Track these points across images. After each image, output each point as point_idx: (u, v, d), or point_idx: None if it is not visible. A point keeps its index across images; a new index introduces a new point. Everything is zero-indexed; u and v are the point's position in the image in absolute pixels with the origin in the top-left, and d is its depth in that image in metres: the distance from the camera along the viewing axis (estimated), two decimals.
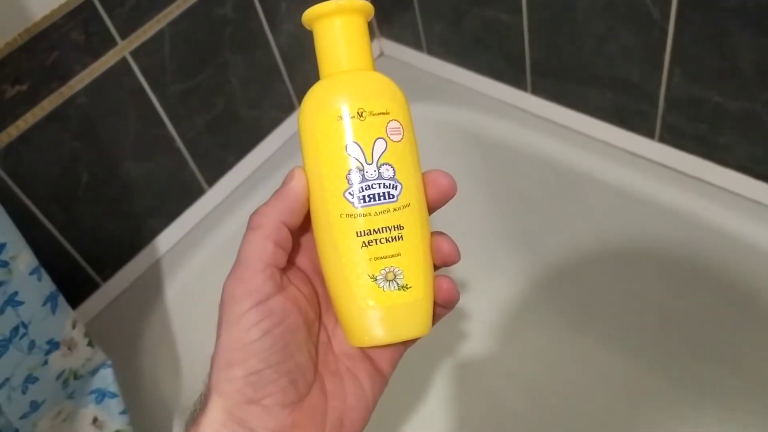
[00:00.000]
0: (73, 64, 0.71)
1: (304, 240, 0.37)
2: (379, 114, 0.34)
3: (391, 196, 0.34)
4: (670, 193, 0.78)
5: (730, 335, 0.82)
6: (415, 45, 0.97)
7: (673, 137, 0.77)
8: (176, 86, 0.81)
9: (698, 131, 0.74)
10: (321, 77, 0.37)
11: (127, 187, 0.81)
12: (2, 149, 0.69)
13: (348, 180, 0.34)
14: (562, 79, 0.83)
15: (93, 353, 0.58)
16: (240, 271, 0.33)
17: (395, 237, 0.34)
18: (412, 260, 0.35)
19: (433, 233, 0.37)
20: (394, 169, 0.34)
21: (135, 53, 0.75)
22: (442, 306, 0.37)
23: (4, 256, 0.48)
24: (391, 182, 0.34)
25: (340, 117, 0.34)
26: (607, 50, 0.75)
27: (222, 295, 0.34)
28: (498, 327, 1.00)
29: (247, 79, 0.87)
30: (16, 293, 0.49)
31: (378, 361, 0.38)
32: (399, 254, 0.34)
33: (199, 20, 0.79)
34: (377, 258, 0.34)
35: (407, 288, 0.35)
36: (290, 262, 0.36)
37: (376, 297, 0.34)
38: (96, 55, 0.72)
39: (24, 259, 0.50)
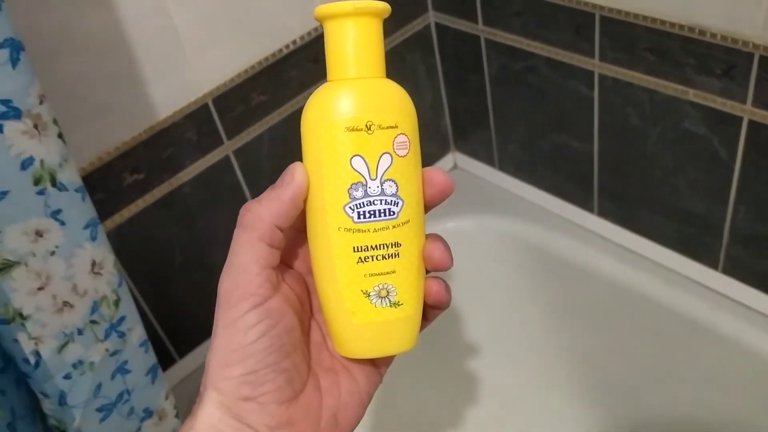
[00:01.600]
0: (184, 159, 0.79)
1: (296, 237, 0.37)
2: (387, 128, 0.33)
3: (392, 213, 0.34)
4: (732, 323, 0.80)
5: None
6: (488, 161, 1.04)
7: (737, 270, 0.80)
8: (269, 183, 0.88)
9: (761, 267, 0.77)
10: (329, 79, 0.35)
11: (214, 273, 0.87)
12: (113, 229, 0.76)
13: (350, 194, 0.33)
14: (629, 205, 0.87)
15: (177, 425, 0.62)
16: (235, 275, 0.33)
17: (392, 254, 0.34)
18: (406, 278, 0.35)
19: (427, 237, 0.36)
20: (397, 186, 0.34)
21: (237, 152, 0.83)
22: (434, 307, 0.37)
23: (123, 328, 0.54)
24: (393, 198, 0.34)
25: (348, 128, 0.33)
26: (674, 182, 0.79)
27: (218, 298, 0.34)
28: None
29: None
30: (126, 362, 0.55)
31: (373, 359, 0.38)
32: (394, 271, 0.34)
33: (296, 126, 0.87)
34: (372, 274, 0.34)
35: (399, 305, 0.35)
36: (283, 260, 0.36)
37: (367, 313, 0.34)
38: (204, 151, 0.81)
39: (137, 332, 0.55)
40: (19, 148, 0.44)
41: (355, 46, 0.34)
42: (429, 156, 1.06)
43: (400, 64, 0.95)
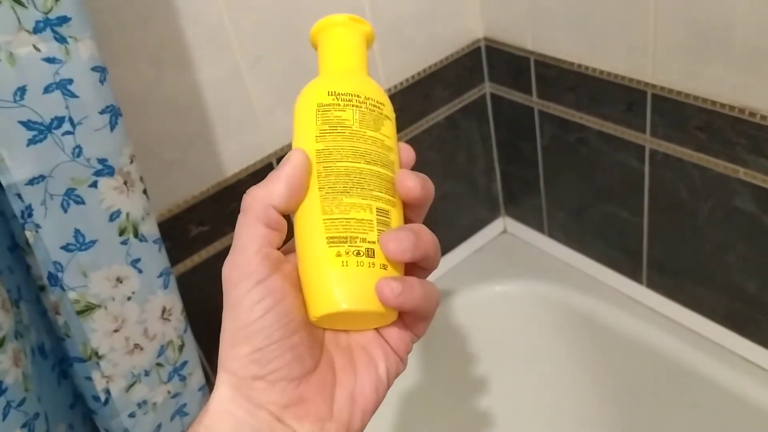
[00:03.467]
0: None
1: None
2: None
3: None
4: None
5: None
6: (538, 227, 1.06)
7: None
8: None
9: None
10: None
11: None
12: (177, 277, 0.80)
13: None
14: (678, 278, 0.87)
15: None
16: (235, 256, 0.33)
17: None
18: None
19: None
20: None
21: None
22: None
23: (185, 372, 0.57)
24: None
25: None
26: (724, 257, 0.80)
27: (222, 282, 0.34)
28: None
29: None
30: (185, 405, 0.58)
31: (389, 339, 0.37)
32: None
33: None
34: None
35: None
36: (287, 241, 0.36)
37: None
38: None
39: (197, 376, 0.58)
40: (110, 202, 0.49)
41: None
42: (479, 220, 1.08)
43: (455, 130, 0.99)
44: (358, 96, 0.37)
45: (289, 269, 0.35)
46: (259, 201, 0.34)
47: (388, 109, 0.38)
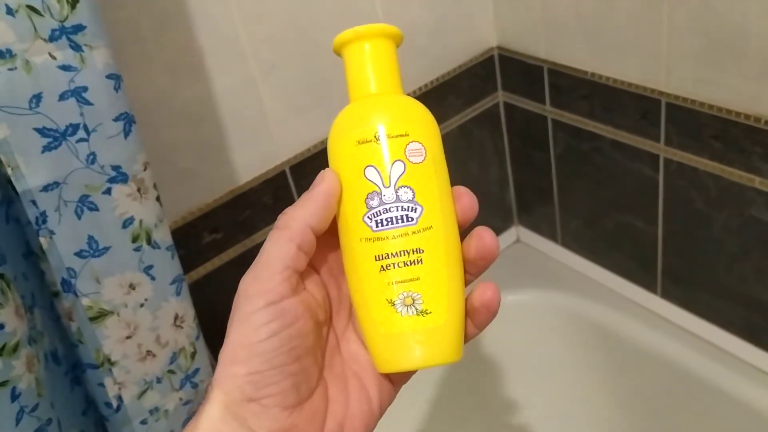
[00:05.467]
0: (258, 222, 0.84)
1: (322, 242, 0.36)
2: (397, 136, 0.34)
3: (410, 219, 0.34)
4: None
5: None
6: (551, 236, 1.05)
7: None
8: None
9: None
10: (350, 101, 0.37)
11: None
12: (190, 284, 0.81)
13: (366, 204, 0.34)
14: (693, 288, 0.87)
15: None
16: (258, 270, 0.33)
17: (414, 261, 0.34)
18: (432, 284, 0.34)
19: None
20: (413, 192, 0.34)
21: None
22: (485, 311, 0.35)
23: (196, 379, 0.57)
24: (410, 204, 0.34)
25: (359, 141, 0.34)
26: (740, 268, 0.79)
27: (238, 291, 0.34)
28: None
29: None
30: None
31: None
32: (418, 278, 0.34)
33: None
34: (395, 282, 0.34)
35: (427, 313, 0.34)
36: (309, 263, 0.35)
37: (393, 322, 0.34)
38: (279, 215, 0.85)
39: (209, 384, 0.58)
40: (123, 209, 0.49)
41: (366, 65, 0.36)
42: (492, 229, 1.07)
43: (468, 139, 0.99)
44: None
45: (307, 296, 0.34)
46: (296, 221, 0.33)
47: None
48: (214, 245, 0.81)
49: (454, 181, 0.36)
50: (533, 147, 0.98)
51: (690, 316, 0.89)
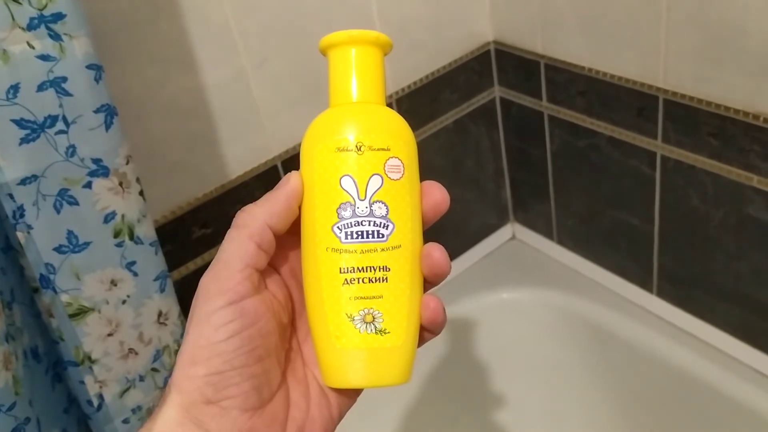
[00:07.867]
0: None
1: (284, 242, 0.35)
2: (378, 149, 0.33)
3: (381, 236, 0.33)
4: None
5: None
6: (547, 234, 1.04)
7: None
8: None
9: None
10: (329, 106, 0.36)
11: None
12: (179, 280, 0.80)
13: (338, 214, 0.33)
14: (689, 287, 0.86)
15: None
16: (218, 269, 0.32)
17: (380, 278, 0.33)
18: (394, 304, 0.33)
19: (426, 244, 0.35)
20: (387, 208, 0.33)
21: None
22: (428, 330, 0.35)
23: None
24: (383, 221, 0.33)
25: (338, 149, 0.33)
26: (737, 267, 0.78)
27: (197, 291, 0.33)
28: None
29: None
30: None
31: None
32: (381, 296, 0.33)
33: None
34: (357, 297, 0.33)
35: (385, 333, 0.33)
36: (269, 264, 0.34)
37: (350, 338, 0.33)
38: None
39: None
40: (104, 203, 0.48)
41: (351, 71, 0.35)
42: (487, 226, 1.07)
43: (464, 135, 0.97)
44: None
45: (268, 295, 0.34)
46: (255, 219, 0.33)
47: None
48: (204, 240, 0.80)
49: (450, 177, 0.35)
50: (529, 143, 0.97)
51: (685, 315, 0.88)
